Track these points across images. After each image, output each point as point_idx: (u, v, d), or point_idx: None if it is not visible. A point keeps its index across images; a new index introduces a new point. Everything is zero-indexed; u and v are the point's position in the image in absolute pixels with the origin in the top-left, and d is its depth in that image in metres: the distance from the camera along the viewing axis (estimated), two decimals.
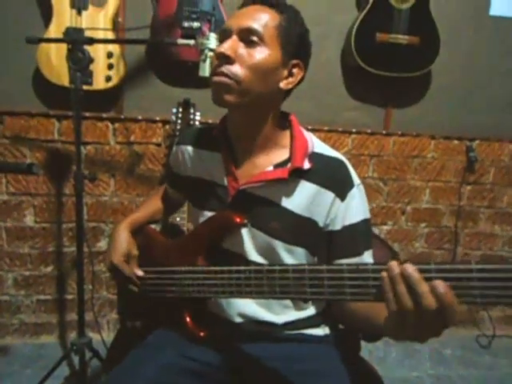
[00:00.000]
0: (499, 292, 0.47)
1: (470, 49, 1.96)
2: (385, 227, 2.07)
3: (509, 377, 1.85)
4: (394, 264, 0.53)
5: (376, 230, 2.06)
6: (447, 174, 2.06)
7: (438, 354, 1.99)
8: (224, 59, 0.75)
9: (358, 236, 0.83)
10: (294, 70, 0.81)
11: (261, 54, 0.75)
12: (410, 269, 0.51)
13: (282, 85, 0.80)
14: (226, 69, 0.74)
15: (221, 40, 0.80)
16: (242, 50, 0.75)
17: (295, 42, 0.79)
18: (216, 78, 0.76)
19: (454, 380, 1.81)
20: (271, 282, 0.67)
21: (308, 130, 0.87)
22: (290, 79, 0.81)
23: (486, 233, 2.15)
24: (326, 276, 0.60)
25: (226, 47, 0.75)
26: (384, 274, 0.54)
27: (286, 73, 0.80)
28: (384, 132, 1.97)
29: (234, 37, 0.76)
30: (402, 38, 1.77)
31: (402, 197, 2.05)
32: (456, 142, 2.03)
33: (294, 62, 0.80)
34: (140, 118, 1.78)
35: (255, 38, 0.75)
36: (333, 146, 0.87)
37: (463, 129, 2.03)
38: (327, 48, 1.87)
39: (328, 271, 0.60)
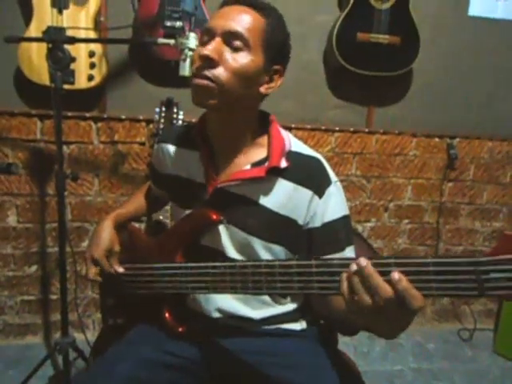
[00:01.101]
0: (452, 285, 0.50)
1: (450, 48, 2.00)
2: (368, 224, 2.10)
3: (489, 369, 1.89)
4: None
5: (359, 227, 2.09)
6: (429, 171, 2.10)
7: (421, 348, 2.03)
8: (207, 62, 0.74)
9: (338, 232, 0.84)
10: (275, 76, 0.82)
11: (244, 59, 0.75)
12: (364, 262, 0.54)
13: (263, 89, 0.80)
14: (209, 72, 0.74)
15: (204, 40, 0.77)
16: (226, 53, 0.74)
17: (277, 48, 0.79)
18: (198, 81, 0.75)
19: (436, 373, 1.85)
20: (244, 278, 0.69)
21: (291, 129, 0.89)
22: (271, 84, 0.81)
23: (466, 229, 2.20)
24: (295, 271, 0.62)
25: (211, 49, 0.73)
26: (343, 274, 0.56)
27: (266, 78, 0.80)
28: (366, 130, 2.00)
29: (218, 39, 0.75)
30: (383, 38, 1.79)
31: (385, 194, 2.09)
32: (437, 139, 2.07)
33: (276, 67, 0.81)
34: (123, 117, 1.78)
35: (239, 43, 0.74)
36: (316, 145, 0.88)
37: (444, 127, 2.07)
38: (309, 48, 1.89)
39: (297, 266, 0.62)
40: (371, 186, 2.07)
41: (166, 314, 0.88)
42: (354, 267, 0.55)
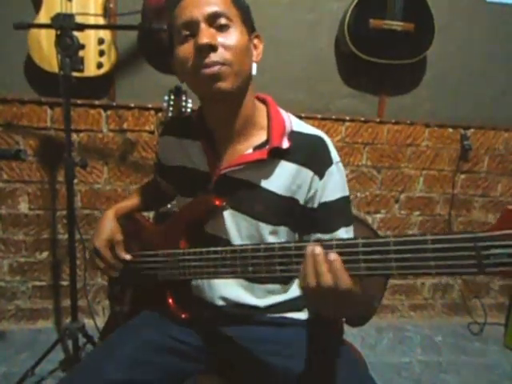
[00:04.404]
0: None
1: (466, 36, 1.94)
2: (378, 215, 2.08)
3: (498, 363, 1.87)
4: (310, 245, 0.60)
5: (369, 218, 2.07)
6: (441, 162, 2.06)
7: (429, 341, 2.01)
8: (209, 50, 0.73)
9: (332, 213, 0.82)
10: (256, 41, 0.82)
11: (235, 34, 0.75)
12: (318, 249, 0.58)
13: (254, 58, 0.81)
14: (215, 57, 0.73)
15: (184, 35, 0.75)
16: (217, 36, 0.74)
17: (249, 12, 0.80)
18: (208, 70, 0.73)
19: (444, 366, 1.83)
20: (244, 262, 0.69)
21: (301, 118, 0.87)
22: (258, 51, 0.83)
23: (479, 221, 2.15)
24: (293, 253, 0.62)
25: (208, 36, 0.72)
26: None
27: (252, 46, 0.81)
28: (378, 120, 1.96)
29: (203, 25, 0.73)
30: (397, 25, 1.75)
31: (396, 185, 2.06)
32: (450, 130, 2.03)
33: (255, 33, 0.82)
34: (132, 105, 1.78)
35: (224, 21, 0.74)
36: (326, 134, 0.86)
37: (458, 117, 2.02)
38: (321, 35, 1.86)
39: (296, 248, 0.62)
40: (382, 177, 2.04)
41: (170, 301, 0.88)
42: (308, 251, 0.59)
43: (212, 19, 0.74)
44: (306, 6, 1.82)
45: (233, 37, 0.75)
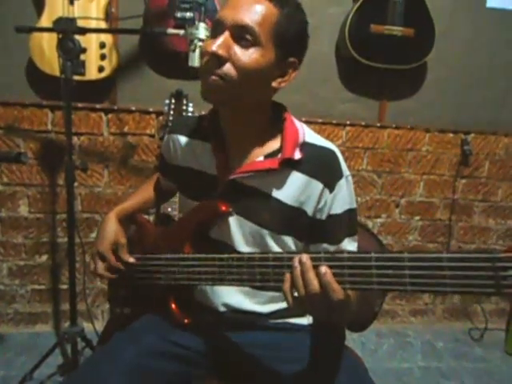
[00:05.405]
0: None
1: (467, 41, 1.95)
2: (378, 220, 2.07)
3: (498, 369, 1.86)
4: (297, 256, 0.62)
5: (369, 223, 2.06)
6: (442, 167, 2.06)
7: (430, 347, 2.00)
8: (216, 59, 0.72)
9: (339, 225, 0.83)
10: (289, 70, 0.78)
11: (254, 54, 0.72)
12: (304, 257, 0.61)
13: (275, 84, 0.78)
14: (218, 69, 0.72)
15: (213, 32, 0.74)
16: (234, 49, 0.72)
17: (292, 41, 0.76)
18: (207, 78, 0.73)
19: (444, 372, 1.82)
20: (251, 270, 0.68)
21: (301, 121, 0.87)
22: (284, 78, 0.78)
23: (480, 226, 2.15)
24: None
25: (219, 45, 0.71)
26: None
27: (279, 72, 0.77)
28: (378, 125, 1.96)
29: (227, 33, 0.72)
30: (397, 30, 1.76)
31: (396, 190, 2.05)
32: (451, 135, 2.03)
33: (290, 60, 0.77)
34: (133, 108, 1.78)
35: (249, 37, 0.71)
36: (327, 139, 0.86)
37: (458, 122, 2.02)
38: (321, 40, 1.86)
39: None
40: (382, 182, 2.04)
41: (172, 305, 0.87)
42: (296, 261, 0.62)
43: (238, 31, 0.71)
44: (307, 11, 1.81)
45: (248, 56, 0.72)
